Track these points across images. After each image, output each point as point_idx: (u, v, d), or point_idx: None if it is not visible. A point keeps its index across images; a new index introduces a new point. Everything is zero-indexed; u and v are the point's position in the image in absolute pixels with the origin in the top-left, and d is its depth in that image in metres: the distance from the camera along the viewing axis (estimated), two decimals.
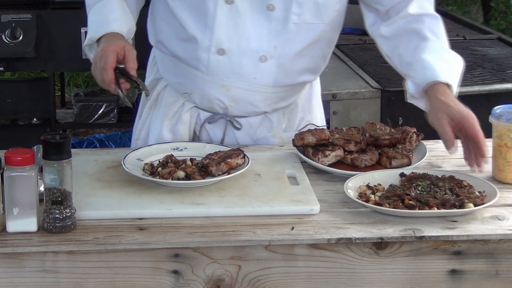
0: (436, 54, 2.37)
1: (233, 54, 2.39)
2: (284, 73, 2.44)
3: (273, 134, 2.56)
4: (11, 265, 1.86)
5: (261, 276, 1.90)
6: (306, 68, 2.49)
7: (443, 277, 1.93)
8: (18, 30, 4.30)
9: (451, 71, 2.34)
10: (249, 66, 2.41)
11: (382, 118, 3.37)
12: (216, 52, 2.39)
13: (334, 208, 2.04)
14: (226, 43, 2.38)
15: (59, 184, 1.89)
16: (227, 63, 2.40)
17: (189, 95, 2.51)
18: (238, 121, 2.51)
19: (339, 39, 4.21)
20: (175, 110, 2.54)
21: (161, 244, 1.88)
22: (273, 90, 2.46)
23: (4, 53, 4.33)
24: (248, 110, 2.49)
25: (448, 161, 2.36)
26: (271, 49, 2.40)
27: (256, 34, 2.38)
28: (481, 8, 6.92)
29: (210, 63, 2.41)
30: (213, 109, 2.50)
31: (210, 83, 2.44)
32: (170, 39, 2.48)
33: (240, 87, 2.43)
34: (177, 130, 2.54)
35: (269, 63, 2.41)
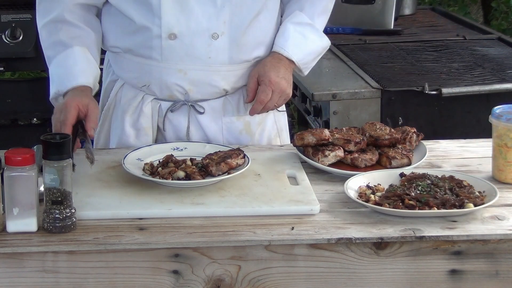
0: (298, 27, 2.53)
1: (185, 37, 2.41)
2: (238, 49, 2.47)
3: (237, 117, 2.56)
4: (11, 265, 1.86)
5: (261, 276, 1.90)
6: (259, 42, 2.52)
7: (443, 277, 1.93)
8: (18, 30, 4.29)
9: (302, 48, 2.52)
10: (202, 46, 2.43)
11: (382, 118, 3.37)
12: (168, 38, 2.41)
13: (334, 208, 2.04)
14: (176, 27, 2.41)
15: (59, 184, 1.89)
16: (180, 46, 2.42)
17: (147, 88, 2.51)
18: (200, 105, 2.52)
19: (339, 39, 4.25)
20: (135, 105, 2.53)
21: (161, 244, 1.87)
22: (230, 68, 2.48)
23: (4, 53, 4.32)
24: (209, 91, 2.50)
25: (448, 161, 2.36)
26: (220, 25, 2.42)
27: (204, 13, 2.41)
28: (481, 8, 6.92)
29: (164, 50, 2.43)
30: (173, 97, 2.50)
31: (167, 70, 2.45)
32: (120, 36, 2.49)
33: (197, 68, 2.45)
34: (139, 124, 2.53)
35: (222, 39, 2.43)
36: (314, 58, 2.57)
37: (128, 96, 2.54)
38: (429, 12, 5.10)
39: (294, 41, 2.50)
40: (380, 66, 3.75)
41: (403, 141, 2.38)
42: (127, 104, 2.54)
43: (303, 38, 2.52)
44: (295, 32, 2.51)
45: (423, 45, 4.15)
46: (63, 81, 2.40)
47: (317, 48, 2.56)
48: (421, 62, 3.84)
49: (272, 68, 2.46)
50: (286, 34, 2.51)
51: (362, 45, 4.17)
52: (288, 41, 2.50)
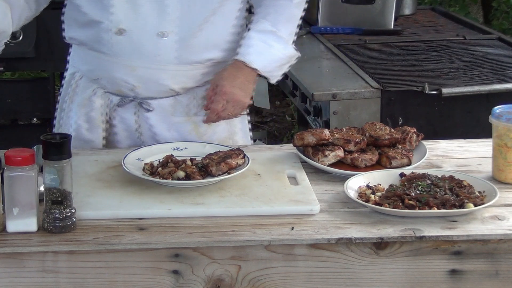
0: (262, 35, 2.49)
1: (133, 33, 2.43)
2: (187, 49, 2.46)
3: (186, 118, 2.56)
4: (11, 265, 1.86)
5: (261, 276, 1.90)
6: (212, 44, 2.51)
7: (443, 277, 1.93)
8: (18, 30, 4.27)
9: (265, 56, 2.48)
10: (150, 44, 2.43)
11: (382, 118, 3.37)
12: (116, 33, 2.43)
13: (334, 208, 2.04)
14: (125, 23, 2.42)
15: (59, 184, 1.89)
16: (128, 42, 2.43)
17: (99, 81, 2.53)
18: (149, 103, 2.52)
19: (339, 39, 4.25)
20: (88, 98, 2.56)
21: (161, 244, 1.88)
22: (178, 68, 2.48)
23: (4, 53, 4.30)
24: (156, 89, 2.50)
25: (448, 161, 2.36)
26: (169, 24, 2.42)
27: (152, 10, 2.42)
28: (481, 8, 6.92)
29: (112, 45, 2.44)
30: (122, 92, 2.52)
31: (115, 65, 2.47)
32: (75, 27, 2.52)
33: (144, 66, 2.45)
34: (91, 117, 2.55)
35: (170, 38, 2.43)
36: (280, 66, 2.53)
37: (83, 88, 2.58)
38: (429, 12, 5.10)
39: (256, 49, 2.48)
40: (380, 66, 3.75)
41: (403, 141, 2.38)
42: (81, 96, 2.57)
43: (266, 46, 2.49)
44: (258, 40, 2.48)
45: (423, 45, 4.15)
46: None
47: (281, 56, 2.52)
48: (421, 62, 3.84)
49: (228, 77, 2.46)
50: (249, 42, 2.48)
51: (362, 45, 4.17)
52: (250, 49, 2.47)
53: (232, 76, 2.46)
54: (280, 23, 2.52)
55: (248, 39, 2.49)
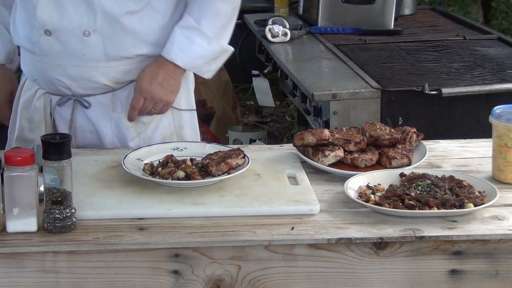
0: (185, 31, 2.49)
1: (59, 33, 2.45)
2: (114, 45, 2.48)
3: (125, 114, 2.56)
4: (11, 265, 1.86)
5: (261, 276, 1.90)
6: (140, 40, 2.51)
7: (443, 277, 1.93)
8: None
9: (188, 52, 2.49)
10: (76, 43, 2.46)
11: (382, 118, 3.36)
12: (43, 33, 2.45)
13: (334, 208, 2.04)
14: (50, 24, 2.45)
15: (59, 184, 1.89)
16: (56, 43, 2.46)
17: (37, 82, 2.56)
18: (86, 100, 2.54)
19: (339, 39, 4.25)
20: (30, 99, 2.59)
21: (161, 244, 1.88)
22: (108, 64, 2.50)
23: None
24: (90, 86, 2.52)
25: (448, 161, 2.36)
26: (91, 23, 2.45)
27: (76, 10, 2.44)
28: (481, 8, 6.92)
29: (42, 46, 2.48)
30: (59, 91, 2.55)
31: (48, 65, 2.50)
32: (13, 29, 2.56)
33: (74, 64, 2.48)
34: (32, 117, 2.59)
35: (94, 37, 2.45)
36: (206, 62, 2.53)
37: (26, 89, 2.61)
38: (429, 12, 5.10)
39: (179, 45, 2.48)
40: (380, 66, 3.75)
41: (403, 141, 2.38)
42: (24, 97, 2.61)
43: (189, 42, 2.48)
44: (181, 36, 2.48)
45: (423, 45, 4.15)
46: None
47: (205, 52, 2.50)
48: (421, 62, 3.84)
49: (147, 74, 2.48)
50: (172, 38, 2.49)
51: (362, 45, 4.17)
52: (173, 45, 2.48)
53: (153, 73, 2.48)
54: (203, 19, 2.50)
55: (172, 35, 2.50)
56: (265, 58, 4.45)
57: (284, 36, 4.23)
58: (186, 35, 2.49)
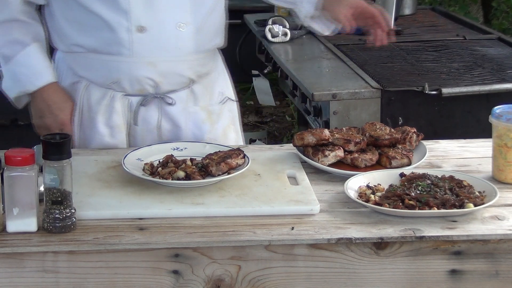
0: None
1: (153, 29, 2.45)
2: (202, 37, 2.52)
3: (201, 107, 2.60)
4: (11, 265, 1.86)
5: (261, 276, 1.90)
6: (217, 30, 2.59)
7: (443, 277, 1.93)
8: None
9: None
10: (170, 37, 2.47)
11: (382, 118, 3.37)
12: (137, 31, 2.44)
13: (334, 208, 2.04)
14: (144, 19, 2.44)
15: (59, 184, 1.89)
16: (149, 39, 2.46)
17: (117, 84, 2.52)
18: (169, 97, 2.55)
19: (339, 39, 4.25)
20: (106, 104, 2.55)
21: (161, 244, 1.88)
22: (195, 57, 2.53)
23: None
24: (177, 81, 2.54)
25: (448, 161, 2.36)
26: (186, 15, 2.47)
27: (168, 3, 2.46)
28: (481, 8, 6.92)
29: (133, 44, 2.46)
30: (143, 90, 2.53)
31: (137, 64, 2.48)
32: (83, 34, 2.50)
33: (166, 60, 2.49)
34: (112, 122, 2.55)
35: (188, 29, 2.48)
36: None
37: (96, 95, 2.55)
38: (429, 12, 5.10)
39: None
40: (380, 66, 3.75)
41: (403, 141, 2.38)
42: (97, 103, 2.55)
43: None
44: None
45: (423, 45, 4.15)
46: (31, 80, 2.53)
47: None
48: (421, 62, 3.84)
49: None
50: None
51: (362, 45, 4.17)
52: None
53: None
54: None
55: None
56: (265, 58, 4.45)
57: (284, 36, 4.23)
58: None
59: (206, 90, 2.62)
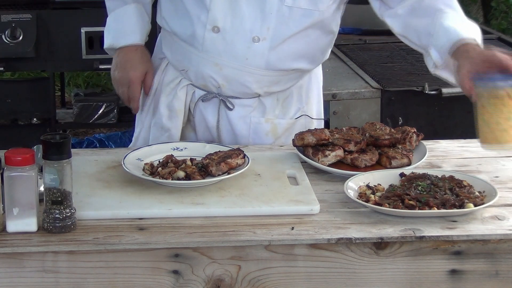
0: (455, 20, 2.35)
1: (227, 33, 2.44)
2: (277, 56, 2.47)
3: (266, 119, 2.58)
4: (11, 265, 1.86)
5: (261, 276, 1.90)
6: (301, 55, 2.51)
7: (443, 277, 1.93)
8: (18, 30, 4.30)
9: (473, 32, 2.32)
10: (242, 46, 2.45)
11: (382, 118, 3.37)
12: (211, 30, 2.44)
13: (334, 208, 2.04)
14: (221, 21, 2.43)
15: (59, 184, 1.89)
16: (221, 41, 2.44)
17: (185, 72, 2.56)
18: (231, 102, 2.54)
19: (339, 39, 4.23)
20: (172, 87, 2.59)
21: (161, 244, 1.87)
22: (265, 73, 2.49)
23: (4, 53, 4.32)
24: (240, 90, 2.52)
25: (448, 161, 2.36)
26: (264, 30, 2.43)
27: (250, 14, 2.42)
28: (481, 8, 6.92)
29: (205, 41, 2.46)
30: (207, 87, 2.54)
31: (204, 61, 2.49)
32: (171, 15, 2.54)
33: (232, 66, 2.47)
34: (172, 106, 2.59)
35: (262, 44, 2.44)
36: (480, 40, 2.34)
37: (168, 76, 2.61)
38: None
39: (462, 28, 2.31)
40: (380, 66, 3.75)
41: (403, 141, 2.38)
42: (166, 85, 2.60)
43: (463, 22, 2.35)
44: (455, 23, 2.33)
45: None
46: (118, 37, 2.61)
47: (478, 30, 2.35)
48: (421, 62, 3.82)
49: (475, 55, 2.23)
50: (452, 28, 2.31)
51: (362, 45, 4.18)
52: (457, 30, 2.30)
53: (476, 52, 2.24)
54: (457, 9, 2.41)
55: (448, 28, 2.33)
56: None
57: None
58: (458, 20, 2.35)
59: (278, 104, 2.59)
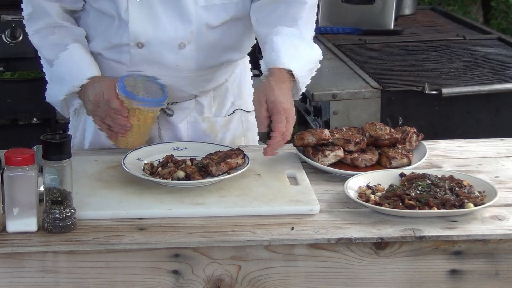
0: (287, 40, 2.37)
1: (152, 46, 2.42)
2: (205, 55, 2.47)
3: (203, 118, 2.57)
4: (11, 265, 1.86)
5: (261, 276, 1.90)
6: (228, 47, 2.51)
7: (443, 277, 1.93)
8: (18, 30, 4.30)
9: (297, 59, 2.34)
10: (170, 55, 2.43)
11: (382, 118, 3.37)
12: (135, 46, 2.42)
13: (334, 208, 2.04)
14: (143, 36, 2.41)
15: (59, 184, 1.89)
16: (148, 54, 2.42)
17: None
18: (169, 108, 2.52)
19: (339, 39, 4.25)
20: None
21: (161, 244, 1.88)
22: (197, 74, 2.49)
23: (4, 53, 4.33)
24: (177, 95, 2.51)
25: (448, 161, 2.36)
26: (187, 35, 2.42)
27: (171, 23, 2.40)
28: (481, 8, 6.92)
29: (132, 56, 2.44)
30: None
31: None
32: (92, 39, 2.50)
33: (164, 75, 2.44)
34: None
35: (189, 48, 2.43)
36: (309, 71, 2.40)
37: None
38: (429, 12, 5.10)
39: (288, 54, 2.33)
40: (380, 66, 3.75)
41: (403, 141, 2.38)
42: None
43: (295, 49, 2.37)
44: (286, 45, 2.36)
45: (423, 45, 4.16)
46: (77, 76, 2.43)
47: (311, 58, 2.41)
48: (421, 62, 3.84)
49: (280, 92, 2.25)
50: (276, 49, 2.34)
51: (362, 45, 4.17)
52: (281, 54, 2.32)
53: (283, 91, 2.26)
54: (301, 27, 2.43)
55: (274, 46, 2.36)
56: None
57: None
58: (289, 43, 2.37)
59: (214, 101, 2.59)
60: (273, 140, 2.19)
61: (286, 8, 2.43)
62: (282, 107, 2.21)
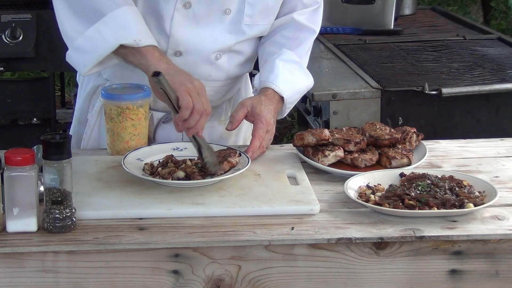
0: (287, 65, 2.48)
1: (189, 55, 2.43)
2: (234, 66, 2.51)
3: (219, 122, 2.60)
4: (11, 265, 1.86)
5: (261, 276, 1.90)
6: (249, 58, 2.57)
7: (443, 277, 1.93)
8: (18, 30, 4.30)
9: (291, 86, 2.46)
10: (205, 66, 2.45)
11: (382, 118, 3.37)
12: (173, 54, 2.42)
13: (334, 208, 2.04)
14: (183, 46, 2.42)
15: (59, 184, 1.89)
16: (184, 63, 2.41)
17: None
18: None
19: (339, 39, 4.25)
20: None
21: (161, 244, 1.88)
22: (223, 83, 2.53)
23: (4, 53, 4.32)
24: None
25: (448, 161, 2.36)
26: (225, 48, 2.45)
27: (211, 36, 2.43)
28: (481, 8, 6.92)
29: None
30: (166, 108, 2.49)
31: None
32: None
33: None
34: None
35: (223, 59, 2.47)
36: (298, 98, 2.53)
37: None
38: (429, 12, 5.10)
39: (283, 78, 2.45)
40: (380, 66, 3.75)
41: (403, 141, 2.38)
42: None
43: (291, 75, 2.47)
44: (284, 69, 2.46)
45: (423, 45, 4.15)
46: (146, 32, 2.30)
47: (302, 87, 2.52)
48: (421, 62, 3.84)
49: (267, 108, 2.38)
50: (276, 70, 2.45)
51: (362, 45, 4.17)
52: (278, 77, 2.44)
53: (270, 109, 2.40)
54: (302, 54, 2.55)
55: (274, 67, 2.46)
56: None
57: None
58: (288, 68, 2.48)
59: (229, 105, 2.63)
60: (253, 145, 2.33)
61: (296, 33, 2.54)
62: (265, 120, 2.37)
